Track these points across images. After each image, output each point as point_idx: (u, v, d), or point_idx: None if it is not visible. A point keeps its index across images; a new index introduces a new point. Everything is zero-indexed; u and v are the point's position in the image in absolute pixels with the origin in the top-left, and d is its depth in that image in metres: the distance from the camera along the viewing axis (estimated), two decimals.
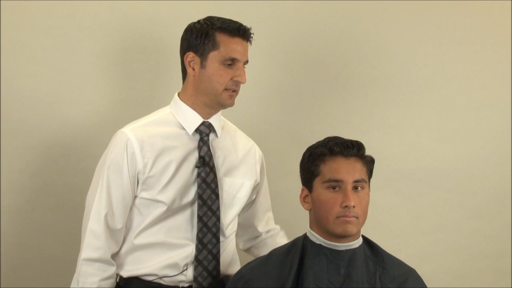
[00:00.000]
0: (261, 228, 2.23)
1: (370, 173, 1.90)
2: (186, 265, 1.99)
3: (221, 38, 1.97)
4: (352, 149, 1.84)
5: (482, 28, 2.72)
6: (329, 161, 1.84)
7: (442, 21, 2.69)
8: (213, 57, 1.97)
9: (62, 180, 2.46)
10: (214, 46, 1.96)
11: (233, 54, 1.97)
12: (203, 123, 2.02)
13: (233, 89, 1.99)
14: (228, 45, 1.96)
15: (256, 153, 2.17)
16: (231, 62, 1.97)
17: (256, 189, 2.18)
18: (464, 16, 2.71)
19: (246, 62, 2.01)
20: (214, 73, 1.97)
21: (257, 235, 2.25)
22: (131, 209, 2.00)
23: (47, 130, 2.45)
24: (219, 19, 2.00)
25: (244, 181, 2.09)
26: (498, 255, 2.68)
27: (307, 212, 1.91)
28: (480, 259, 2.68)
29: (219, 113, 2.07)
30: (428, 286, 1.90)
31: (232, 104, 2.02)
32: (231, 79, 1.97)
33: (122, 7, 2.51)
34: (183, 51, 2.02)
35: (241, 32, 1.98)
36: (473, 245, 2.68)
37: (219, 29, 1.97)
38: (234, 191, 2.07)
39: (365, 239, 1.91)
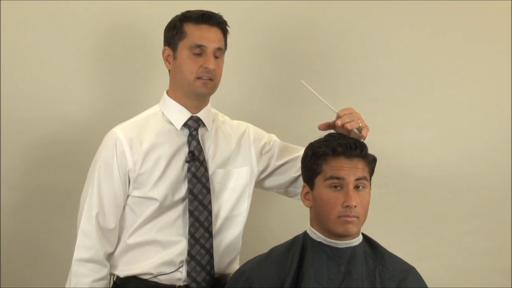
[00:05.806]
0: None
1: (371, 172, 1.90)
2: (182, 262, 1.99)
3: (188, 27, 1.97)
4: (355, 150, 1.83)
5: (482, 28, 2.72)
6: (331, 160, 1.83)
7: (442, 21, 2.69)
8: (182, 46, 1.97)
9: (63, 179, 2.46)
10: (182, 35, 1.97)
11: (199, 41, 1.95)
12: (191, 118, 2.01)
13: (206, 77, 1.96)
14: (194, 32, 1.96)
15: (251, 134, 2.13)
16: (199, 50, 1.96)
17: (269, 168, 2.14)
18: (464, 16, 2.71)
19: (219, 49, 1.99)
20: (183, 62, 1.97)
21: None
22: (124, 208, 2.00)
23: (47, 129, 2.46)
24: (189, 11, 2.00)
25: (236, 169, 2.07)
26: (498, 254, 2.68)
27: (308, 209, 1.91)
28: (480, 258, 2.67)
29: (209, 106, 2.06)
30: (427, 284, 1.91)
31: (205, 92, 1.99)
32: (201, 66, 1.95)
33: (122, 8, 2.51)
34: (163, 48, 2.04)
35: (205, 18, 1.97)
36: (473, 243, 2.68)
37: (185, 18, 1.98)
38: (226, 182, 2.05)
39: (365, 237, 1.91)
